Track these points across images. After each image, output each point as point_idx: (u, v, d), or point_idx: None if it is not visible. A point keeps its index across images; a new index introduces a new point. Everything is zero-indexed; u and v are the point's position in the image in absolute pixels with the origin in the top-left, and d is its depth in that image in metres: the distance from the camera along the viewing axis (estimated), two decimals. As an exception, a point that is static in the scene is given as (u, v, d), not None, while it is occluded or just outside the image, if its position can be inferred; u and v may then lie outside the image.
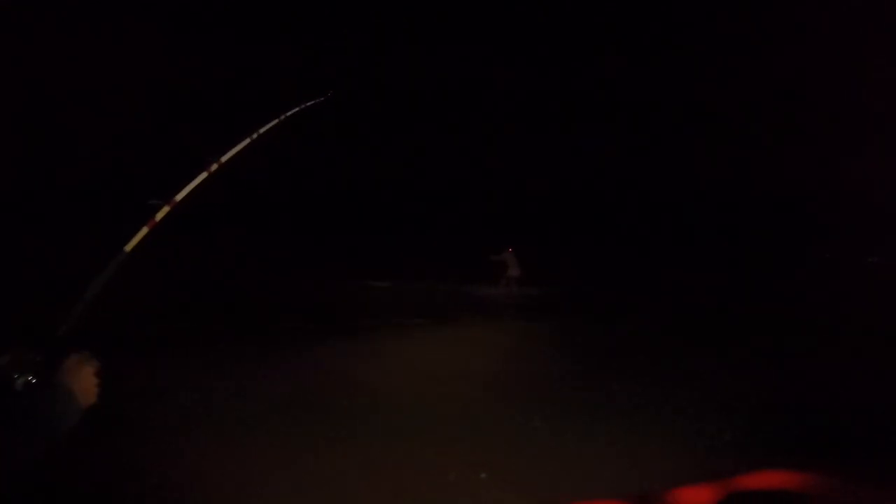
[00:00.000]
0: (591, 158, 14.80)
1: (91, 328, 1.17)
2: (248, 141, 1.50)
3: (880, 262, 14.17)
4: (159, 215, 1.35)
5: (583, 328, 9.07)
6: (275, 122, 1.62)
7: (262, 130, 1.56)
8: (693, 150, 14.58)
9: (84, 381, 1.09)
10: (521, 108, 15.38)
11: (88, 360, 1.11)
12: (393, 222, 14.24)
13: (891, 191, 13.19)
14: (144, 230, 1.34)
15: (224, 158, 1.45)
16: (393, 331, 8.41)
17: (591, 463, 3.79)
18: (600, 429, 4.42)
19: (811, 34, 12.58)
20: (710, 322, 9.87)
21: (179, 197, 1.38)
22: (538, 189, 14.74)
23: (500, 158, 15.05)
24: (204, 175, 1.41)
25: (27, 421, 0.99)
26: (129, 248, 1.31)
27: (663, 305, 11.15)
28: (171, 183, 1.45)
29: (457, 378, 5.83)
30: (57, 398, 1.04)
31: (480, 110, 15.12)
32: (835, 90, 13.19)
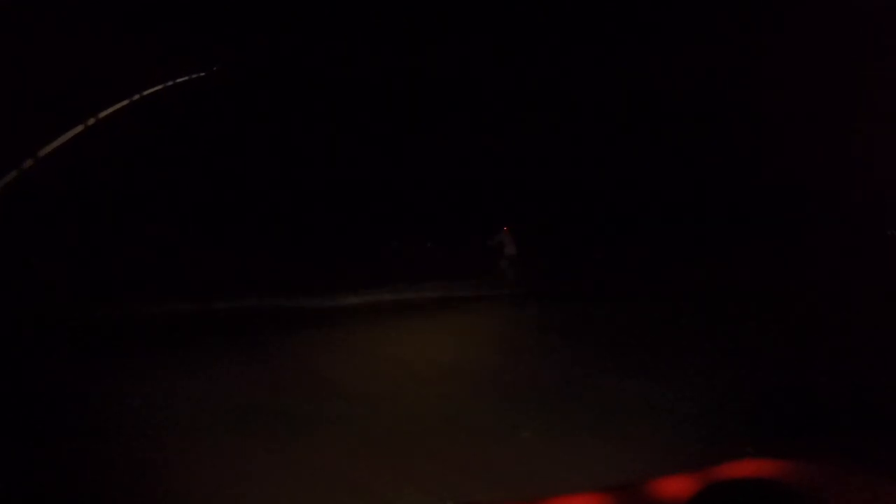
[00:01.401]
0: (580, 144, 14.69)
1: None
2: (80, 128, 1.18)
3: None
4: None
5: (580, 316, 8.72)
6: (124, 102, 1.29)
7: (102, 115, 1.24)
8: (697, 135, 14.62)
9: None
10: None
11: None
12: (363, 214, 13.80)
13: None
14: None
15: (44, 152, 1.13)
16: (374, 322, 8.01)
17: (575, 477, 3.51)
18: (592, 433, 4.14)
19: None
20: (717, 306, 9.32)
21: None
22: (524, 174, 14.53)
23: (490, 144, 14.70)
24: (14, 174, 1.08)
25: None
26: None
27: (669, 288, 10.74)
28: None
29: (442, 377, 5.58)
30: None
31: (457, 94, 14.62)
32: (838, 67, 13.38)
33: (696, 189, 14.11)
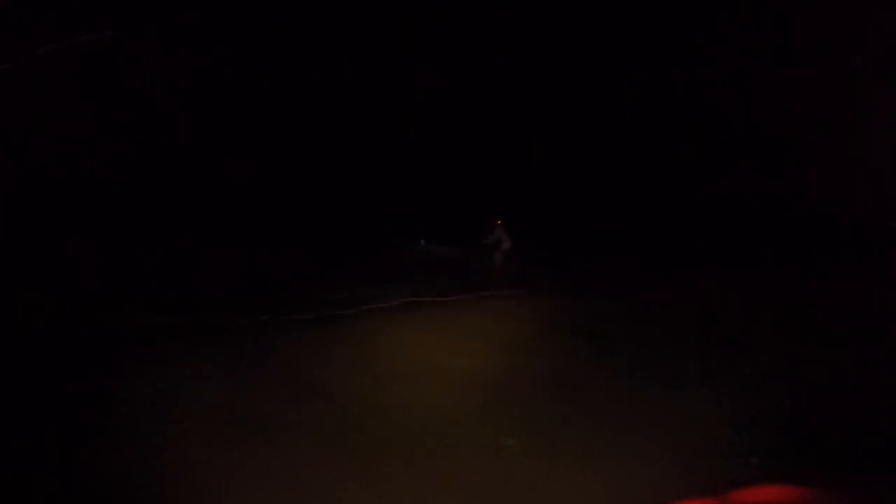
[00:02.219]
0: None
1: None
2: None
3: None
4: None
5: (579, 310, 8.31)
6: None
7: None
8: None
9: None
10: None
11: None
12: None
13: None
14: None
15: None
16: (362, 317, 7.78)
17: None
18: (585, 445, 3.88)
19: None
20: (729, 310, 8.45)
21: None
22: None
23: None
24: None
25: None
26: None
27: (672, 287, 10.08)
28: None
29: (427, 377, 5.41)
30: None
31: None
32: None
33: (698, 189, 14.06)
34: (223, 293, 8.57)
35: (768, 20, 13.76)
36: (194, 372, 5.36)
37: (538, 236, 12.74)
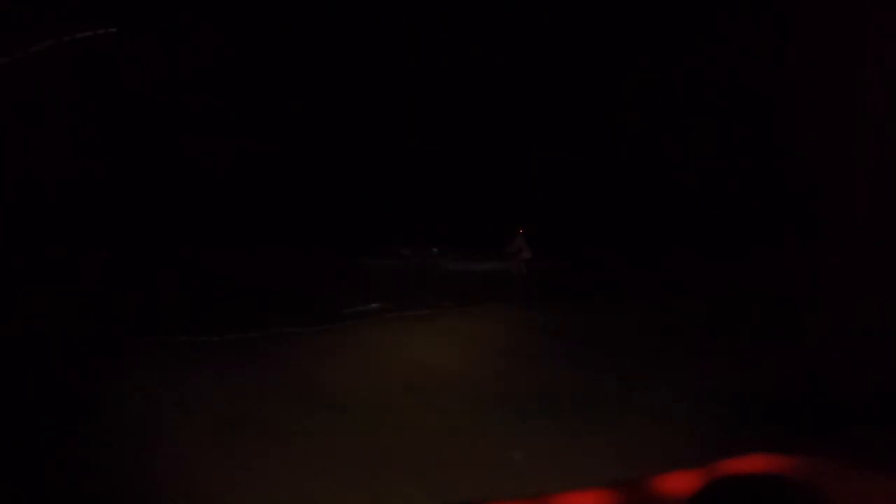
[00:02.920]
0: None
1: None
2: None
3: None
4: None
5: (592, 320, 8.41)
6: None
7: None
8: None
9: None
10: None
11: None
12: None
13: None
14: None
15: None
16: (376, 324, 7.96)
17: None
18: (593, 462, 3.75)
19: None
20: (725, 309, 8.56)
21: None
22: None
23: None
24: None
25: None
26: None
27: (673, 289, 10.24)
28: None
29: (437, 386, 5.45)
30: None
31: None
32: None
33: (701, 190, 14.09)
34: (236, 302, 8.62)
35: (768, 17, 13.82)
36: (205, 382, 5.46)
37: (554, 244, 12.73)
